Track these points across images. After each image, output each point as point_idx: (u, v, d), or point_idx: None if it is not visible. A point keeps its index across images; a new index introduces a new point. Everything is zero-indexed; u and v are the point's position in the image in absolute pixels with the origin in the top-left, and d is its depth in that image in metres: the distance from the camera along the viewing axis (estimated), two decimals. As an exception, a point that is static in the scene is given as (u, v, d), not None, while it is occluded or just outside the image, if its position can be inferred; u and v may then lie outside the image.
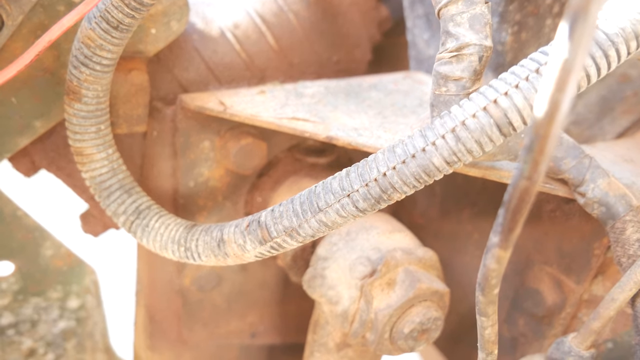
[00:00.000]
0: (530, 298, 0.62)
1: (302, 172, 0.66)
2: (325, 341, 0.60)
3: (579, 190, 0.47)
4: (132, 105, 0.57)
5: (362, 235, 0.56)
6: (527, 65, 0.35)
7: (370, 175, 0.38)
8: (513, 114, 0.35)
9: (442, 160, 0.36)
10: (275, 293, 0.76)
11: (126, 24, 0.44)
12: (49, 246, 0.63)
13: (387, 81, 0.64)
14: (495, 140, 0.36)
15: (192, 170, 0.61)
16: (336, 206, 0.39)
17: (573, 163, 0.46)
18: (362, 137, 0.53)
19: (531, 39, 0.60)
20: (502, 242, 0.31)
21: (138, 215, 0.52)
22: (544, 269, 0.61)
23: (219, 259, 0.47)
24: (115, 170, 0.52)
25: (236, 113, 0.54)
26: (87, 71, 0.46)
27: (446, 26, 0.40)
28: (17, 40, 0.50)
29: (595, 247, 0.56)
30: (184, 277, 0.69)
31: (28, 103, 0.54)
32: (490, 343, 0.40)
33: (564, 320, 0.61)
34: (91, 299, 0.68)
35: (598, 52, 0.35)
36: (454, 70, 0.40)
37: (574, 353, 0.48)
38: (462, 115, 0.35)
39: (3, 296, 0.64)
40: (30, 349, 0.67)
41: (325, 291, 0.55)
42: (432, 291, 0.53)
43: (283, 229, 0.42)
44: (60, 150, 0.65)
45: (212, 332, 0.74)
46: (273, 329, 0.78)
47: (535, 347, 0.64)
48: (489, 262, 0.32)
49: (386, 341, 0.54)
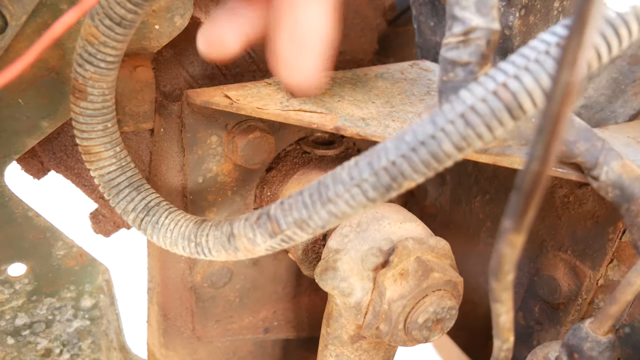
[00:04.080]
0: (545, 285, 0.62)
1: (311, 164, 0.66)
2: (339, 334, 0.60)
3: (592, 173, 0.46)
4: (138, 102, 0.57)
5: (374, 226, 0.56)
6: (536, 47, 0.35)
7: (380, 164, 0.37)
8: (523, 96, 0.34)
9: (451, 146, 0.36)
10: (287, 287, 0.76)
11: (129, 20, 0.43)
12: (61, 246, 0.63)
13: (394, 70, 0.63)
14: (505, 124, 0.35)
15: (200, 165, 0.61)
16: (346, 196, 0.39)
17: (586, 146, 0.46)
18: (370, 127, 0.53)
19: (539, 22, 0.59)
20: (515, 227, 0.30)
21: (148, 212, 0.52)
22: (559, 255, 0.61)
23: (230, 254, 0.47)
24: (123, 168, 0.52)
25: (242, 106, 0.54)
26: (91, 69, 0.46)
27: (452, 10, 0.39)
28: (22, 40, 0.50)
29: (610, 232, 0.56)
30: (195, 273, 0.69)
31: (35, 103, 0.54)
32: (505, 330, 0.39)
33: (579, 307, 0.60)
34: (104, 298, 0.69)
35: (609, 29, 0.34)
36: (461, 55, 0.39)
37: (591, 339, 0.47)
38: (471, 100, 0.35)
39: (17, 297, 0.64)
40: (46, 349, 0.68)
41: (338, 283, 0.55)
42: (445, 280, 0.53)
43: (293, 221, 0.41)
44: (68, 150, 0.65)
45: (226, 328, 0.74)
46: (286, 324, 0.77)
47: (552, 334, 0.63)
48: (502, 247, 0.32)
49: (400, 332, 0.53)
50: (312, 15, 0.49)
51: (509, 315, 0.38)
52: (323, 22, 0.49)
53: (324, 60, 0.51)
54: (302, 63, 0.50)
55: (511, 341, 0.41)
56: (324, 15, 0.49)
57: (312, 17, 0.49)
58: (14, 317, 0.65)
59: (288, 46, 0.49)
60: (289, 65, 0.50)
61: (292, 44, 0.49)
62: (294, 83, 0.52)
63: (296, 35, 0.49)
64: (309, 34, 0.49)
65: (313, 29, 0.49)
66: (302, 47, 0.49)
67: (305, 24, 0.49)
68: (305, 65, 0.50)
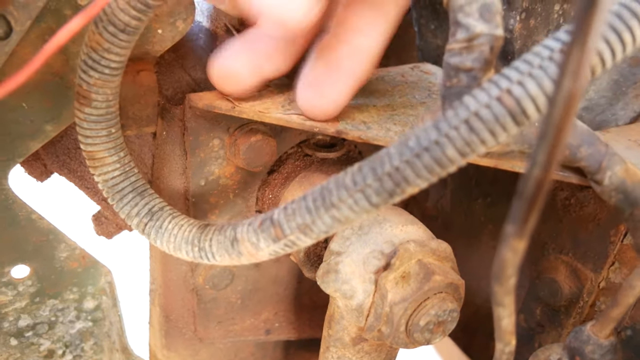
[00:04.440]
0: (546, 287, 0.62)
1: (313, 167, 0.66)
2: (340, 336, 0.60)
3: (595, 178, 0.46)
4: (141, 106, 0.57)
5: (375, 228, 0.56)
6: (539, 53, 0.35)
7: (383, 169, 0.37)
8: (527, 102, 0.34)
9: (455, 152, 0.36)
10: (289, 289, 0.76)
11: (133, 27, 0.44)
12: (63, 248, 0.64)
13: (395, 73, 0.64)
14: (509, 130, 0.35)
15: (202, 169, 0.61)
16: (349, 202, 0.39)
17: (589, 151, 0.46)
18: (371, 130, 0.53)
19: (540, 25, 0.59)
20: (517, 232, 0.30)
21: (151, 217, 0.53)
22: (560, 257, 0.61)
23: (233, 258, 0.47)
24: (127, 173, 0.53)
25: (244, 110, 0.54)
26: (96, 75, 0.46)
27: (456, 16, 0.39)
28: (26, 45, 0.50)
29: (612, 234, 0.56)
30: (197, 275, 0.69)
31: (39, 107, 0.54)
32: (508, 334, 0.40)
33: (581, 309, 0.60)
34: (107, 300, 0.69)
35: (612, 35, 0.34)
36: (465, 61, 0.39)
37: (592, 342, 0.47)
38: (475, 106, 0.35)
39: (20, 299, 0.64)
40: (49, 351, 0.68)
41: (340, 286, 0.55)
42: (447, 283, 0.53)
43: (296, 226, 0.42)
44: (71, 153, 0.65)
45: (228, 329, 0.74)
46: (288, 325, 0.78)
47: (553, 337, 0.64)
48: (504, 252, 0.32)
49: (402, 334, 0.54)
50: (366, 43, 0.49)
51: (511, 318, 0.38)
52: (371, 53, 0.49)
53: (353, 91, 0.51)
54: (332, 88, 0.50)
55: (513, 344, 0.41)
56: (375, 46, 0.49)
57: (366, 45, 0.49)
58: (17, 319, 0.65)
59: (323, 69, 0.49)
60: (317, 87, 0.50)
61: (328, 67, 0.49)
62: (315, 105, 0.51)
63: (337, 59, 0.48)
64: (351, 60, 0.49)
65: (358, 57, 0.49)
66: (340, 72, 0.49)
67: (357, 49, 0.48)
68: (334, 91, 0.50)
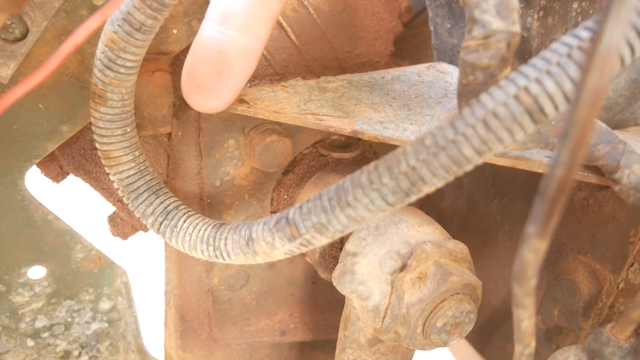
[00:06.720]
0: (564, 289, 0.61)
1: (328, 167, 0.66)
2: (356, 337, 0.59)
3: (614, 177, 0.46)
4: (156, 106, 0.57)
5: (391, 229, 0.56)
6: (557, 50, 0.34)
7: (399, 168, 0.37)
8: (545, 100, 0.34)
9: (472, 150, 0.35)
10: (304, 290, 0.76)
11: (148, 26, 0.44)
12: (79, 249, 0.64)
13: (411, 73, 0.63)
14: (526, 128, 0.35)
15: (217, 169, 0.61)
16: (365, 201, 0.39)
17: (607, 149, 0.45)
18: (387, 130, 0.52)
19: (558, 23, 0.58)
20: (539, 232, 0.30)
21: (166, 215, 0.53)
22: (578, 258, 0.60)
23: (248, 257, 0.47)
24: (142, 172, 0.53)
25: (259, 110, 0.54)
26: (111, 74, 0.46)
27: (472, 13, 0.39)
28: (42, 46, 0.50)
29: (631, 235, 0.55)
30: (212, 276, 0.69)
31: (54, 108, 0.55)
32: (527, 335, 0.39)
33: (600, 310, 0.59)
34: (122, 301, 0.69)
35: (631, 32, 0.34)
36: (482, 58, 0.39)
37: (612, 343, 0.47)
38: (492, 104, 0.34)
39: (37, 300, 0.65)
40: (65, 351, 0.68)
41: (356, 287, 0.55)
42: (464, 284, 0.53)
43: (312, 225, 0.41)
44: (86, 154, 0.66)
45: (243, 330, 0.74)
46: (303, 326, 0.77)
47: (571, 339, 0.63)
48: (525, 253, 0.31)
49: (419, 336, 0.53)
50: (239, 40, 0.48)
51: (531, 320, 0.38)
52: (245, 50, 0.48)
53: (237, 90, 0.50)
54: (219, 91, 0.49)
55: (533, 346, 0.41)
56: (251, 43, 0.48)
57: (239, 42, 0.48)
58: (34, 320, 0.66)
59: (208, 69, 0.48)
60: (203, 87, 0.49)
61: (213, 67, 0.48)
62: (199, 104, 0.50)
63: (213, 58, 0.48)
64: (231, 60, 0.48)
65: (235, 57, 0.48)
66: (223, 73, 0.48)
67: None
68: (222, 92, 0.49)
